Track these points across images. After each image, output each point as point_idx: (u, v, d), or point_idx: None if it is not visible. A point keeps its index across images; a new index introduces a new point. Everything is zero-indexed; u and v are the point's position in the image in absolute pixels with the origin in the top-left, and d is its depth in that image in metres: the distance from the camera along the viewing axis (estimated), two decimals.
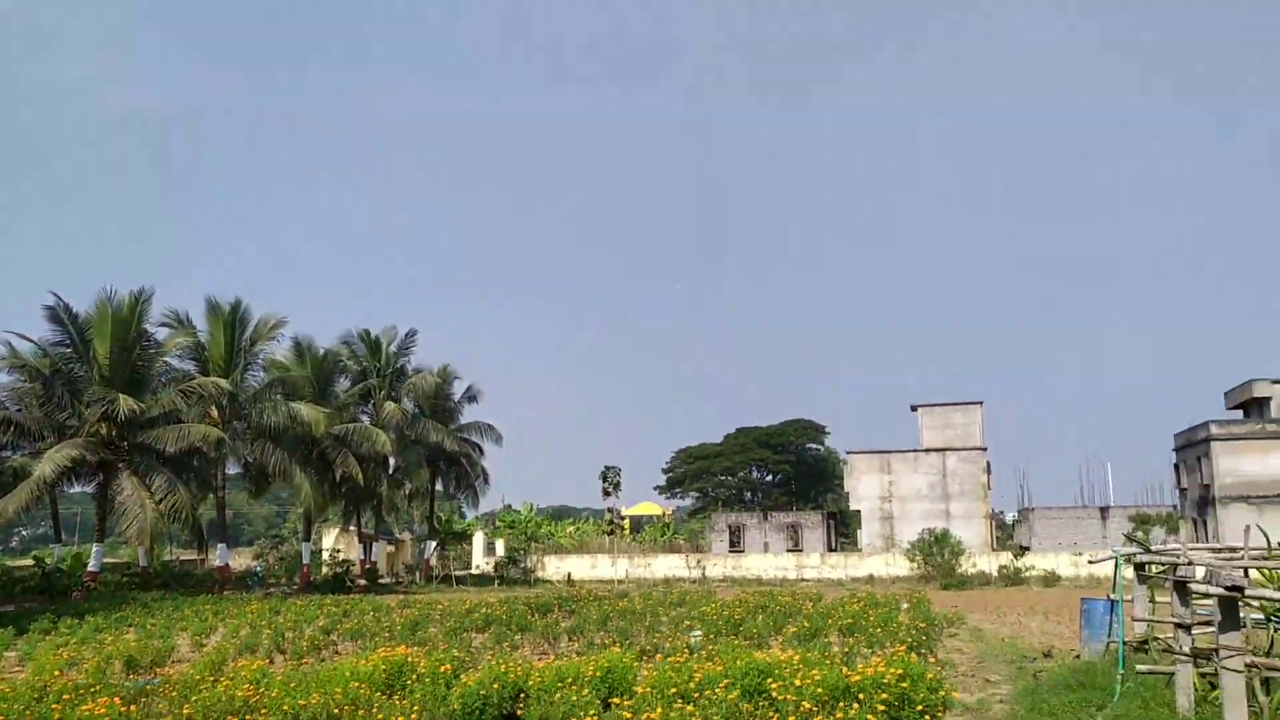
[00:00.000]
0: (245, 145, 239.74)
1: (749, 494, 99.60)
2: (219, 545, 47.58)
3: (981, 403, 63.48)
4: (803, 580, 56.27)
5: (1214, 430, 54.00)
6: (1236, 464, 53.17)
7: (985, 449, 62.53)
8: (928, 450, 62.90)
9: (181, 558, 61.10)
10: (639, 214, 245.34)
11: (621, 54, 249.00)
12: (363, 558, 55.23)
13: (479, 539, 70.22)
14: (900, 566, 56.74)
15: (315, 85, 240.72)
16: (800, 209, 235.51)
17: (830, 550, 63.91)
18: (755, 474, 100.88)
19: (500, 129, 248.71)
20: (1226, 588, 11.98)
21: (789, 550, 63.23)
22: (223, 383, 43.98)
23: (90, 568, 42.72)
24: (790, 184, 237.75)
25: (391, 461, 53.63)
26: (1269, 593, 12.29)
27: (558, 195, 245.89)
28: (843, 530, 73.18)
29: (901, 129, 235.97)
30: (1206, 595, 13.60)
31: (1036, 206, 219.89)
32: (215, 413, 45.34)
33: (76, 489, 48.16)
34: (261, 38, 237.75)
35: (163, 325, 46.78)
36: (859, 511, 64.02)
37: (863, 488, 63.59)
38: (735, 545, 65.09)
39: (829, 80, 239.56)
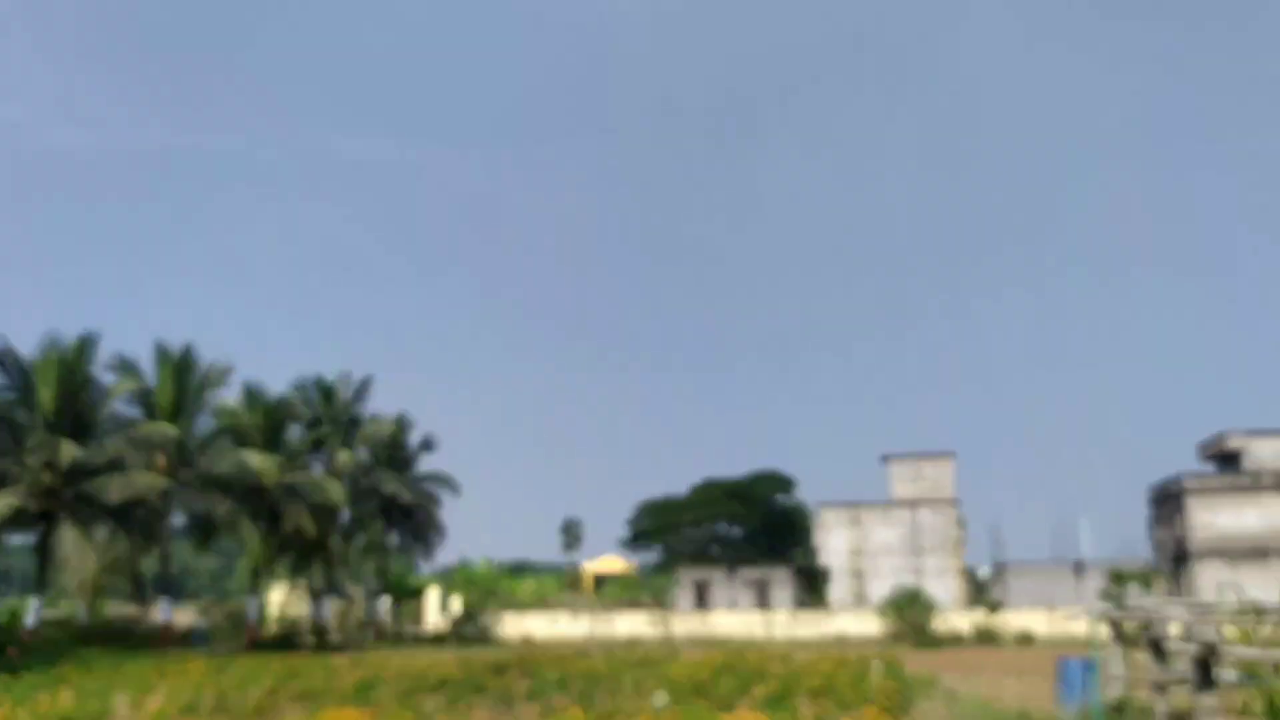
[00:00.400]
0: (187, 190, 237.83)
1: (715, 548, 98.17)
2: (162, 600, 45.83)
3: (954, 454, 62.91)
4: (771, 639, 54.83)
5: (1187, 484, 53.41)
6: (1211, 518, 52.52)
7: (958, 502, 61.82)
8: (899, 503, 62.03)
9: (123, 612, 58.95)
10: (600, 259, 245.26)
11: (566, 104, 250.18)
12: (312, 614, 53.38)
13: (434, 595, 68.36)
14: (871, 624, 55.45)
15: (253, 130, 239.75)
16: (767, 254, 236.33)
17: (799, 607, 62.59)
18: (722, 528, 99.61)
19: (451, 179, 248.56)
20: (1200, 645, 11.19)
21: (757, 607, 61.87)
22: (170, 429, 42.48)
23: (27, 623, 40.79)
24: (754, 228, 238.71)
25: (344, 513, 52.23)
26: (1243, 651, 11.45)
27: (514, 242, 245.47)
28: (812, 586, 71.88)
29: (867, 171, 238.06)
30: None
31: (1005, 254, 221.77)
32: (162, 461, 43.78)
33: (16, 540, 46.44)
34: (198, 82, 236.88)
35: (110, 370, 45.34)
36: (829, 567, 62.87)
37: (832, 542, 62.52)
38: (701, 602, 63.62)
39: (784, 123, 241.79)
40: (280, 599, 56.85)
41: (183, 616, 59.99)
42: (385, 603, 58.66)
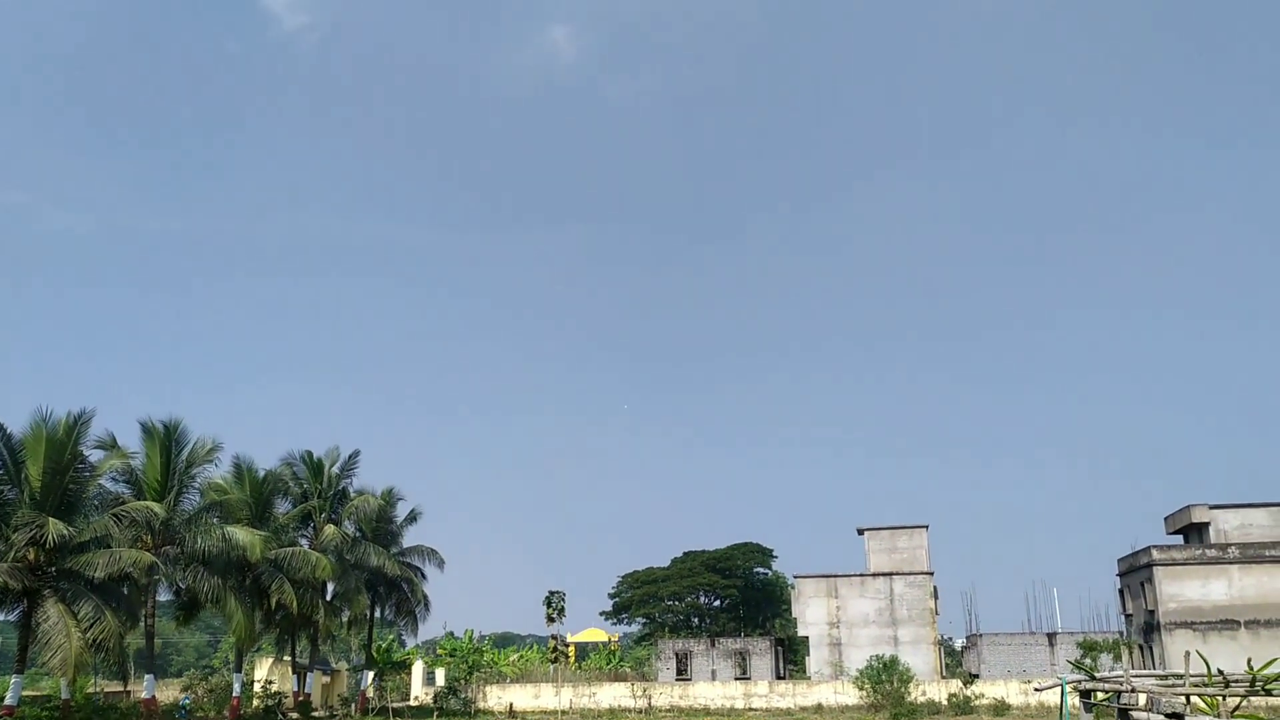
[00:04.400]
0: (179, 270, 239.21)
1: (696, 619, 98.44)
2: (146, 676, 45.80)
3: (927, 526, 63.95)
4: (751, 709, 55.25)
5: (1155, 555, 54.35)
6: (1179, 589, 53.42)
7: (932, 573, 62.57)
8: (875, 574, 62.82)
9: (106, 689, 58.73)
10: (584, 335, 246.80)
11: (551, 195, 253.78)
12: (296, 689, 53.46)
13: (418, 668, 68.40)
14: (849, 695, 55.90)
15: (239, 213, 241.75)
16: (741, 328, 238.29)
17: (779, 678, 62.98)
18: (703, 599, 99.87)
19: (434, 254, 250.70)
20: (1167, 715, 11.86)
21: (737, 678, 62.24)
22: (155, 507, 42.85)
23: (7, 701, 40.76)
24: (729, 304, 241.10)
25: (329, 587, 52.35)
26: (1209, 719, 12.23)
27: (500, 317, 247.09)
28: (791, 657, 72.26)
29: (840, 244, 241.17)
30: None
31: (976, 327, 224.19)
32: (148, 537, 44.13)
33: None
34: (189, 167, 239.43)
35: (98, 448, 45.52)
36: (807, 638, 63.38)
37: (810, 613, 63.11)
38: (682, 673, 63.96)
39: (761, 201, 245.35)
40: (265, 673, 56.88)
41: (167, 693, 59.90)
42: (370, 677, 58.62)
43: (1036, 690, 20.96)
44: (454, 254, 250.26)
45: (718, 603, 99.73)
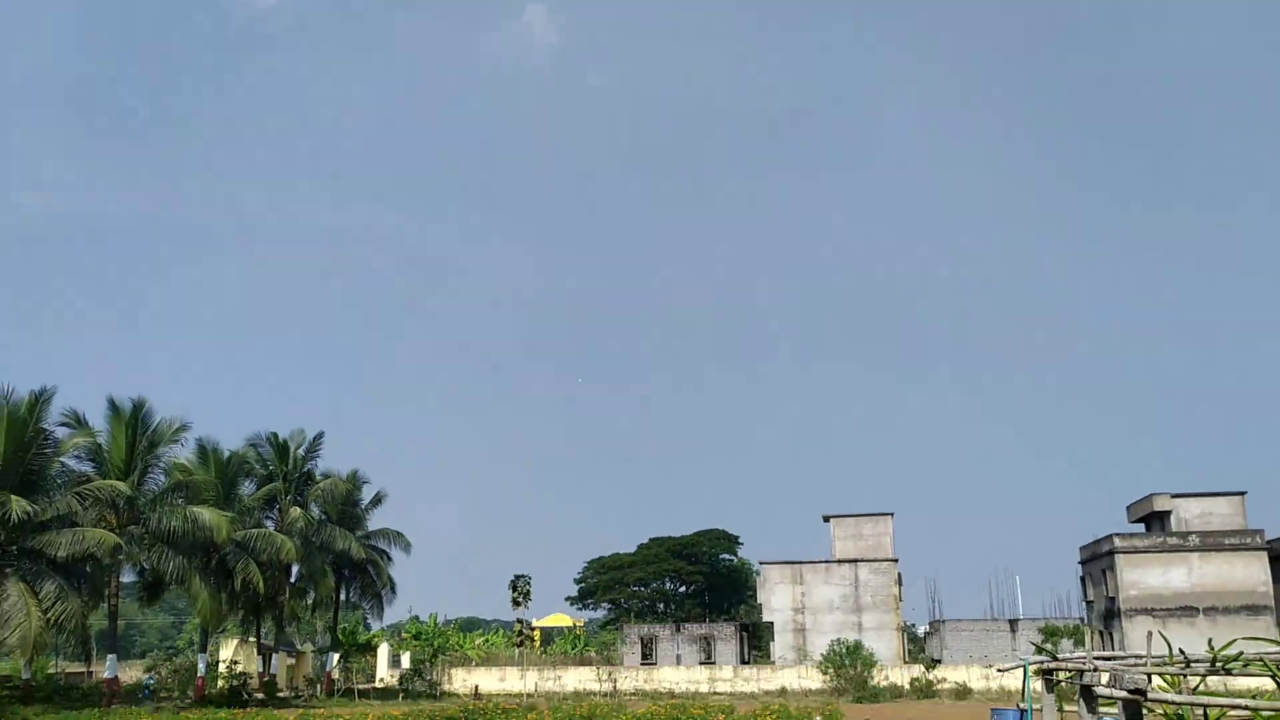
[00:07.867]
0: (141, 251, 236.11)
1: (662, 605, 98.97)
2: (109, 656, 45.38)
3: (892, 514, 64.45)
4: (715, 693, 55.55)
5: (1117, 543, 55.17)
6: (1140, 577, 54.28)
7: (896, 560, 63.18)
8: (840, 561, 63.33)
9: (67, 670, 58.24)
10: (547, 316, 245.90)
11: (516, 173, 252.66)
12: (261, 670, 53.26)
13: (384, 651, 68.39)
14: (813, 679, 56.36)
15: (203, 194, 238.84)
16: (709, 317, 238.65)
17: (743, 663, 63.39)
18: (669, 585, 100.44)
19: (404, 241, 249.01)
20: (1130, 691, 12.11)
21: (702, 663, 62.60)
22: (120, 485, 42.48)
23: None
24: (695, 292, 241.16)
25: (295, 569, 52.21)
26: (1171, 696, 12.48)
27: (465, 303, 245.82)
28: (755, 642, 72.80)
29: (805, 236, 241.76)
30: (1112, 701, 13.79)
31: (937, 312, 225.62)
32: (112, 517, 43.72)
33: None
34: (155, 147, 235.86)
35: (62, 425, 44.98)
36: (772, 623, 63.83)
37: (775, 599, 63.55)
38: (648, 657, 64.25)
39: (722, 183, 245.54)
40: (230, 654, 56.56)
41: (130, 673, 59.46)
42: (335, 658, 58.42)
43: (999, 672, 21.33)
44: (412, 234, 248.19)
45: (684, 589, 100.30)
